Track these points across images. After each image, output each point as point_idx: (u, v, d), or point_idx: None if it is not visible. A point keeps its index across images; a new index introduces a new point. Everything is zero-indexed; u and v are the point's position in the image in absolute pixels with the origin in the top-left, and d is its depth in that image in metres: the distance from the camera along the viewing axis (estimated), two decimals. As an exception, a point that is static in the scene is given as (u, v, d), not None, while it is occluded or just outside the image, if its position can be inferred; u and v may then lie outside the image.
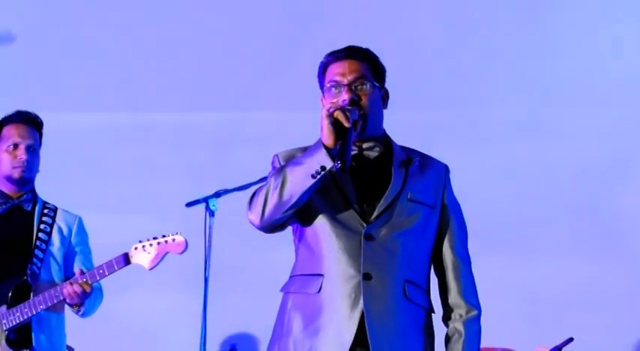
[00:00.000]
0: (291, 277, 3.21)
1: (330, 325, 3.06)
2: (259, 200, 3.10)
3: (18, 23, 5.93)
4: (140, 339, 5.44)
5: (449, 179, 3.28)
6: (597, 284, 5.63)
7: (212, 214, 4.11)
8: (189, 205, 4.16)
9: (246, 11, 5.96)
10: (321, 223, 3.13)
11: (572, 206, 5.75)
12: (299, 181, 3.04)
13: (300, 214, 3.14)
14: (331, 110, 3.05)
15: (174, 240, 4.01)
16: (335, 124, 3.03)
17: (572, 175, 5.78)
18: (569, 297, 5.62)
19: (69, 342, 4.27)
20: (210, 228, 4.11)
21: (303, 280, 3.14)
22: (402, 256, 3.12)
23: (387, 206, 3.12)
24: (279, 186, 3.06)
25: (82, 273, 3.96)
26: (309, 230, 3.15)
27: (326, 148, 3.02)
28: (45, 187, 4.27)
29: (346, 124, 3.04)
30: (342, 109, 3.06)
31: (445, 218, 3.24)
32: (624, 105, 5.84)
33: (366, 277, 3.06)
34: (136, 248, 4.02)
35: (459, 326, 3.20)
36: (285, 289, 3.19)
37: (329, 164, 3.01)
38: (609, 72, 5.87)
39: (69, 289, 3.92)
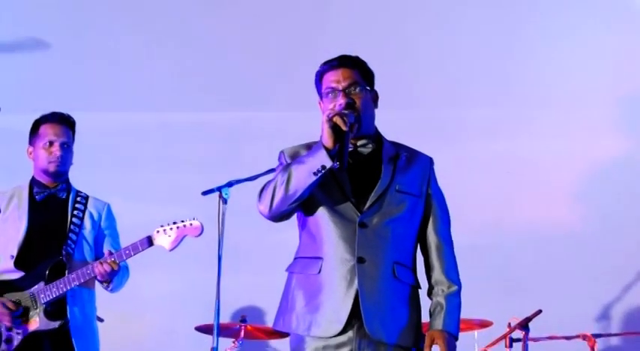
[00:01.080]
0: (295, 258, 3.23)
1: (328, 303, 3.08)
2: (268, 194, 3.12)
3: (57, 34, 5.94)
4: (162, 310, 5.45)
5: (433, 171, 3.29)
6: (561, 265, 5.66)
7: (225, 201, 4.08)
8: (204, 193, 4.14)
9: (254, 24, 5.98)
10: (321, 212, 3.15)
11: (539, 193, 5.78)
12: (302, 178, 3.06)
13: (304, 205, 3.15)
14: (331, 116, 3.05)
15: (191, 224, 4.03)
16: (334, 128, 3.04)
17: (539, 166, 5.80)
18: (539, 275, 5.64)
19: (99, 314, 4.25)
20: (223, 214, 4.07)
21: (305, 262, 3.16)
22: (392, 241, 3.14)
23: (378, 197, 3.14)
24: (285, 182, 3.07)
25: (111, 253, 3.97)
26: (310, 219, 3.18)
27: (326, 149, 3.03)
28: (78, 177, 4.27)
29: (344, 128, 3.04)
30: (341, 114, 3.05)
31: (430, 205, 3.25)
32: (585, 106, 5.86)
33: (360, 260, 3.09)
34: (157, 231, 4.02)
35: (441, 300, 3.20)
36: (290, 270, 3.21)
37: (329, 164, 3.03)
38: (572, 77, 5.88)
39: (99, 268, 3.92)
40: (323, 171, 3.04)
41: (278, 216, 3.15)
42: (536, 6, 5.97)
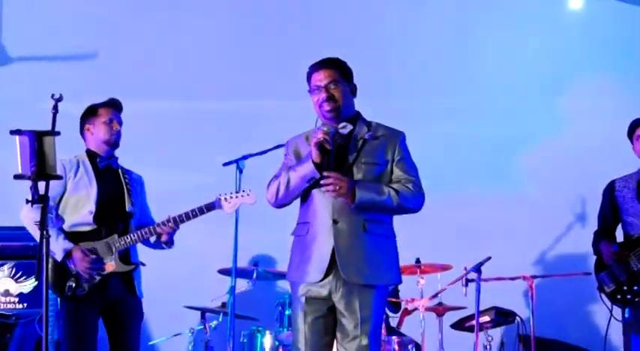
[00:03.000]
0: (297, 223, 3.38)
1: (314, 256, 3.30)
2: (273, 189, 3.40)
3: (104, 38, 5.98)
4: (191, 257, 5.41)
5: (404, 141, 3.44)
6: (506, 220, 5.78)
7: (241, 171, 4.15)
8: (225, 164, 4.19)
9: (264, 29, 6.03)
10: (311, 187, 3.38)
11: (484, 166, 5.88)
12: (298, 182, 3.36)
13: None
14: (317, 142, 3.26)
15: (248, 195, 4.11)
16: (320, 148, 3.15)
17: (483, 144, 5.91)
18: (488, 229, 5.73)
19: (141, 259, 4.31)
20: (239, 180, 4.14)
21: (300, 226, 3.45)
22: None
23: (347, 171, 3.29)
24: (286, 184, 3.37)
25: (175, 218, 4.04)
26: (305, 192, 3.42)
27: (315, 163, 3.24)
28: (121, 153, 4.31)
29: (328, 147, 3.19)
30: (325, 139, 3.24)
31: (397, 166, 3.35)
32: (518, 95, 5.96)
33: (335, 222, 3.22)
34: (219, 199, 4.10)
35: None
36: (293, 233, 3.37)
37: (317, 176, 3.30)
38: (508, 70, 5.96)
39: (171, 225, 4.03)
40: (312, 180, 3.30)
41: (281, 206, 3.46)
42: (490, 10, 6.04)
